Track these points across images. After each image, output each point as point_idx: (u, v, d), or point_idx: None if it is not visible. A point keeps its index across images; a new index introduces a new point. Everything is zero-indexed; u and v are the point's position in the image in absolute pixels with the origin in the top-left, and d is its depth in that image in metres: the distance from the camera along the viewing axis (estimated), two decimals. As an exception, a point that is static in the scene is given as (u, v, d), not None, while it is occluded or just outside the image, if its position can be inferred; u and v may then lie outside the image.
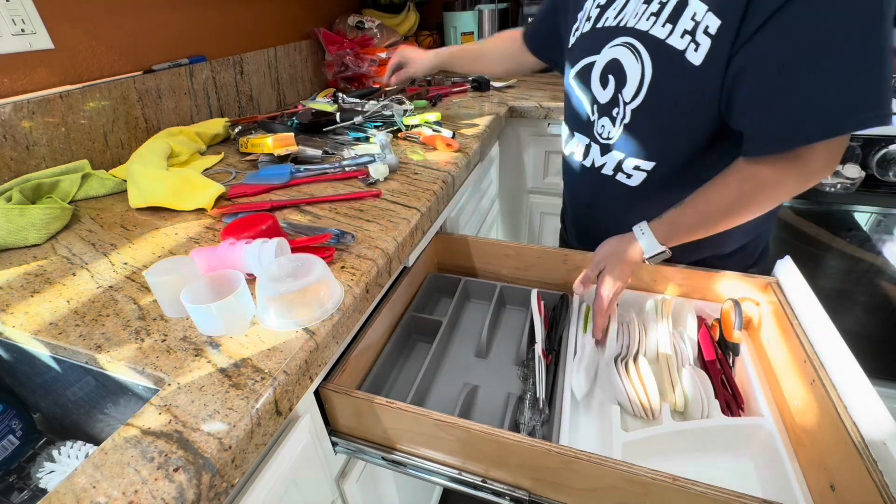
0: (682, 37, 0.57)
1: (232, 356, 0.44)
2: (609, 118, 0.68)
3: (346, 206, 0.72)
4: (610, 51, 0.65)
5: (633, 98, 0.64)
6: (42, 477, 0.62)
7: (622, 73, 0.64)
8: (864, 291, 1.29)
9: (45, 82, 0.81)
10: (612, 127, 0.68)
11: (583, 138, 0.75)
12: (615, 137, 0.69)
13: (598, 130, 0.71)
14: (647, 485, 0.43)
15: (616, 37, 0.64)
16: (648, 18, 0.60)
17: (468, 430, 0.48)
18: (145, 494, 0.32)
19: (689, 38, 0.56)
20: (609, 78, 0.66)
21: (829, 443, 0.47)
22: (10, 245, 0.64)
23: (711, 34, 0.54)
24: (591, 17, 0.69)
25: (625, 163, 0.69)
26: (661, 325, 0.67)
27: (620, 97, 0.65)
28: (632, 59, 0.62)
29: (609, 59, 0.66)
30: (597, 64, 0.68)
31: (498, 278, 0.83)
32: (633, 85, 0.63)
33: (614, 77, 0.65)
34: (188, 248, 0.63)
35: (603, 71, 0.67)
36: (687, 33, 0.56)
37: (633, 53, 0.62)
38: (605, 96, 0.68)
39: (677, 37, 0.57)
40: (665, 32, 0.58)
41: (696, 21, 0.55)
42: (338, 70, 1.43)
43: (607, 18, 0.66)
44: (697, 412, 0.56)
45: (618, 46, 0.64)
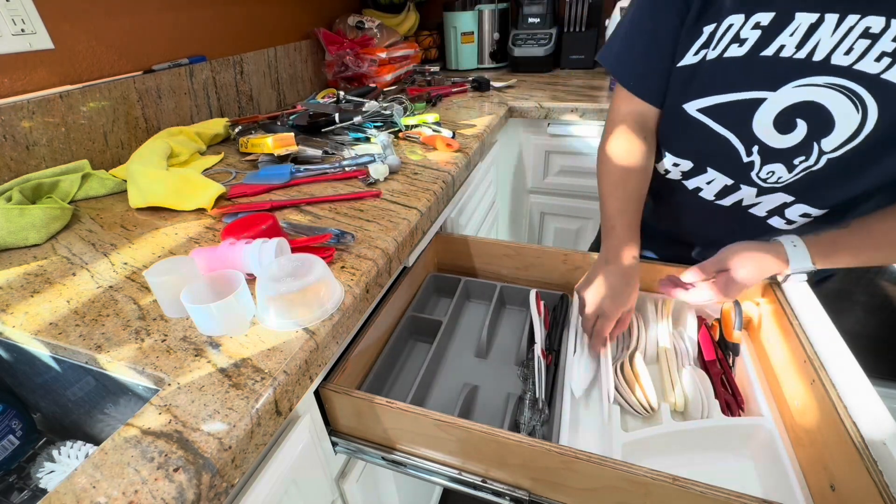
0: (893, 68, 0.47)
1: (232, 356, 0.44)
2: (786, 165, 0.57)
3: (347, 206, 0.72)
4: (800, 91, 0.53)
5: (835, 149, 0.53)
6: (42, 477, 0.62)
7: (826, 120, 0.52)
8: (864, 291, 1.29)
9: (45, 82, 0.81)
10: (787, 173, 0.58)
11: (722, 177, 0.63)
12: (787, 182, 0.59)
13: (762, 175, 0.60)
14: (647, 485, 0.43)
15: (810, 74, 0.51)
16: (879, 59, 0.48)
17: (468, 430, 0.48)
18: (145, 494, 0.32)
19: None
20: (797, 122, 0.54)
21: (829, 443, 0.47)
22: (10, 245, 0.64)
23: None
24: (746, 38, 0.54)
25: (790, 209, 0.61)
26: (661, 324, 0.67)
27: (816, 146, 0.54)
28: (846, 107, 0.51)
29: (799, 100, 0.53)
30: (769, 103, 0.55)
31: (498, 278, 0.83)
32: (841, 135, 0.52)
33: (808, 123, 0.54)
34: (188, 248, 0.63)
35: (784, 113, 0.54)
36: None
37: (849, 99, 0.50)
38: (785, 142, 0.56)
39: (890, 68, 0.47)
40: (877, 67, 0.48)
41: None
42: (338, 70, 1.43)
43: (782, 46, 0.52)
44: (697, 412, 0.56)
45: (819, 87, 0.51)
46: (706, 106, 0.59)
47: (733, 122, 0.58)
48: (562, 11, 1.63)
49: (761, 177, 0.60)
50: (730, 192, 0.64)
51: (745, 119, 0.57)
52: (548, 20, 1.61)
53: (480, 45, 1.73)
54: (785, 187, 0.59)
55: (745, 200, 0.64)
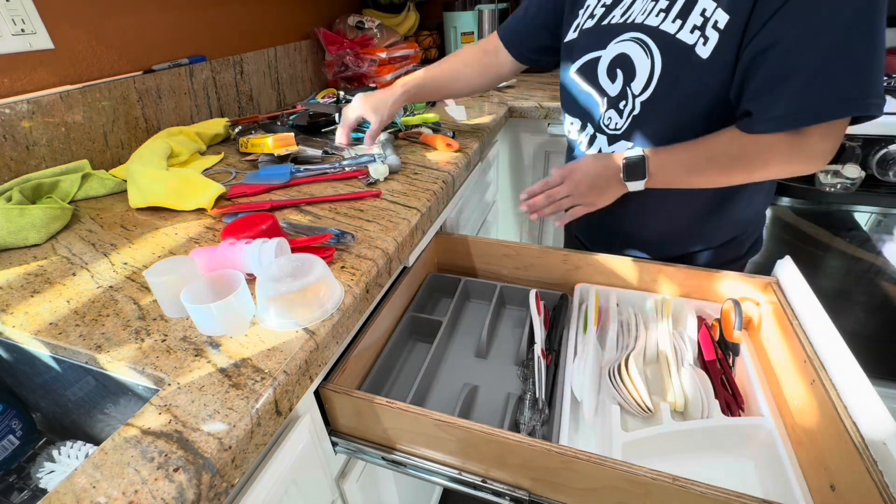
0: (692, 32, 0.59)
1: (232, 356, 0.44)
2: (616, 110, 0.70)
3: (347, 206, 0.72)
4: (616, 46, 0.68)
5: (642, 91, 0.66)
6: (42, 477, 0.62)
7: (631, 66, 0.66)
8: (864, 291, 1.29)
9: (45, 82, 0.81)
10: (619, 119, 0.70)
11: (588, 129, 0.77)
12: (623, 128, 0.70)
13: (605, 122, 0.73)
14: (647, 485, 0.43)
15: (623, 32, 0.67)
16: (658, 15, 0.63)
17: (468, 430, 0.48)
18: (145, 494, 0.32)
19: (698, 34, 0.59)
20: (617, 72, 0.69)
21: (830, 443, 0.47)
22: (10, 245, 0.64)
23: (720, 28, 0.57)
24: (596, 14, 0.72)
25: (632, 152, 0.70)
26: (661, 325, 0.67)
27: (629, 90, 0.67)
28: (641, 54, 0.65)
29: (616, 53, 0.68)
30: (603, 58, 0.70)
31: (498, 278, 0.83)
32: (642, 78, 0.65)
33: (622, 71, 0.68)
34: (188, 248, 0.63)
35: (610, 65, 0.69)
36: (696, 28, 0.59)
37: (642, 48, 0.64)
38: (614, 89, 0.70)
39: (686, 32, 0.60)
40: (675, 28, 0.61)
41: (706, 17, 0.58)
42: (338, 70, 1.43)
43: (613, 16, 0.69)
44: (697, 412, 0.56)
45: (626, 42, 0.66)
46: (577, 67, 0.75)
47: (589, 78, 0.74)
48: (562, 11, 1.63)
49: (605, 123, 0.73)
50: (593, 141, 0.77)
51: (594, 73, 0.72)
52: (548, 20, 1.61)
53: (480, 45, 1.73)
54: (623, 133, 0.71)
55: (604, 150, 0.75)
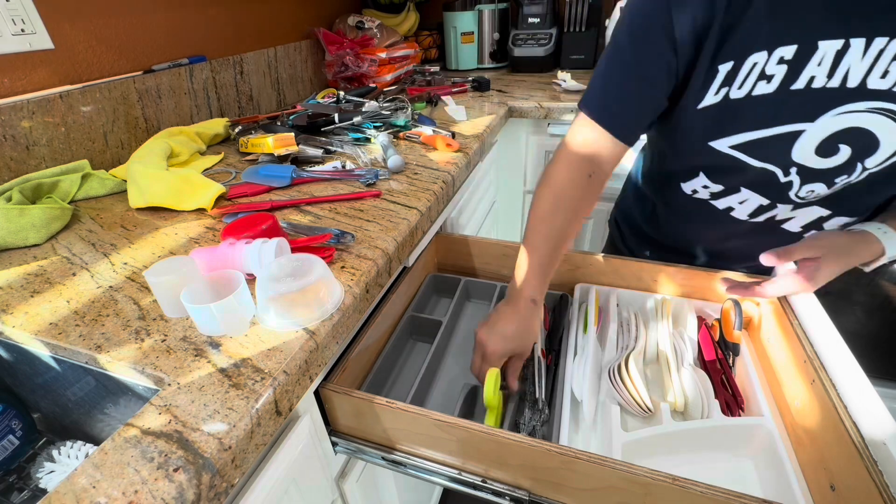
0: None
1: (232, 356, 0.44)
2: (826, 183, 0.57)
3: (347, 205, 0.72)
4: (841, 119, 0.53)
5: (879, 164, 0.54)
6: (42, 477, 0.62)
7: (871, 142, 0.53)
8: (864, 291, 1.29)
9: (45, 82, 0.81)
10: (826, 190, 0.58)
11: (757, 197, 0.63)
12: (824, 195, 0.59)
13: (801, 194, 0.60)
14: (647, 485, 0.43)
15: (850, 101, 0.51)
16: None
17: (468, 430, 0.48)
18: (145, 494, 0.32)
19: None
20: (840, 147, 0.55)
21: (830, 443, 0.47)
22: (10, 245, 0.64)
23: None
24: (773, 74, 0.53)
25: (829, 221, 0.62)
26: (661, 325, 0.67)
27: (860, 165, 0.55)
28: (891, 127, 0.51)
29: (842, 128, 0.53)
30: (809, 134, 0.54)
31: (498, 278, 0.83)
32: (886, 153, 0.53)
33: (852, 146, 0.54)
34: (188, 248, 0.63)
35: (827, 141, 0.54)
36: None
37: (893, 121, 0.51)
38: (828, 164, 0.56)
39: None
40: None
41: None
42: (338, 70, 1.43)
43: (814, 78, 0.52)
44: (697, 412, 0.56)
45: (862, 113, 0.52)
46: (739, 143, 0.58)
47: (770, 155, 0.58)
48: (562, 11, 1.63)
49: (800, 195, 0.59)
50: (765, 210, 0.63)
51: (784, 150, 0.56)
52: (548, 20, 1.61)
53: (480, 45, 1.73)
54: (820, 201, 0.59)
55: (779, 216, 0.63)
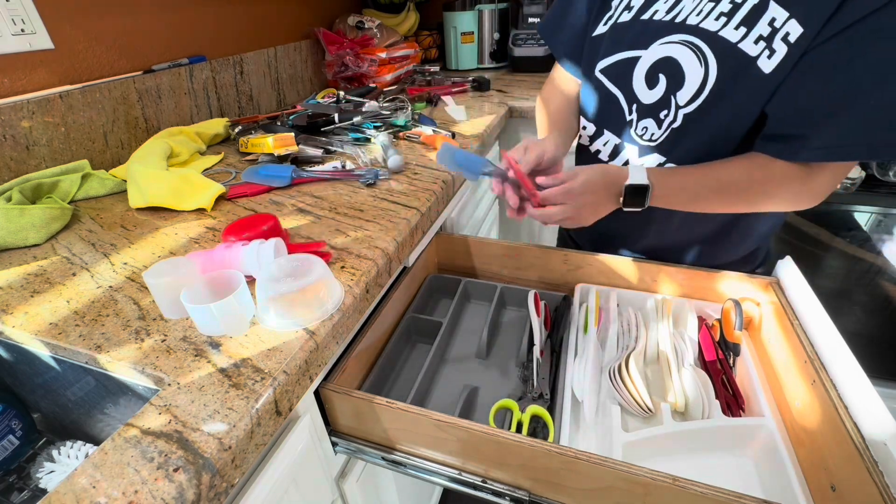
0: (756, 42, 0.53)
1: (232, 356, 0.44)
2: (654, 120, 0.63)
3: (347, 206, 0.72)
4: (662, 47, 0.60)
5: (688, 102, 0.59)
6: (42, 477, 0.62)
7: (679, 73, 0.59)
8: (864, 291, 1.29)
9: (45, 82, 0.81)
10: (656, 129, 0.63)
11: (612, 137, 0.69)
12: (659, 140, 0.64)
13: (639, 132, 0.65)
14: (647, 485, 0.43)
15: (671, 33, 0.59)
16: (718, 18, 0.55)
17: (468, 430, 0.48)
18: (145, 494, 0.32)
19: (763, 45, 0.52)
20: (659, 77, 0.61)
21: (830, 443, 0.47)
22: (10, 245, 0.64)
23: (790, 42, 0.51)
24: (634, 6, 0.63)
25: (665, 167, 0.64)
26: (661, 325, 0.67)
27: (673, 99, 0.60)
28: (693, 61, 0.57)
29: (661, 56, 0.60)
30: (642, 60, 0.62)
31: (498, 278, 0.83)
32: (691, 88, 0.58)
33: (667, 77, 0.60)
34: (189, 248, 0.63)
35: (651, 69, 0.61)
36: (762, 39, 0.52)
37: (695, 54, 0.57)
38: (652, 97, 0.62)
39: (750, 42, 0.53)
40: (738, 36, 0.54)
41: (775, 27, 0.51)
42: (338, 70, 1.43)
43: (657, 11, 0.61)
44: (698, 412, 0.56)
45: (675, 44, 0.58)
46: (604, 66, 0.67)
47: (618, 78, 0.66)
48: (562, 11, 1.63)
49: (638, 133, 0.66)
50: (618, 152, 0.70)
51: (627, 75, 0.64)
52: (548, 20, 1.61)
53: (480, 45, 1.73)
54: (657, 146, 0.65)
55: (631, 163, 0.69)
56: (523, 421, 0.56)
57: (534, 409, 0.56)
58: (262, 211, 0.72)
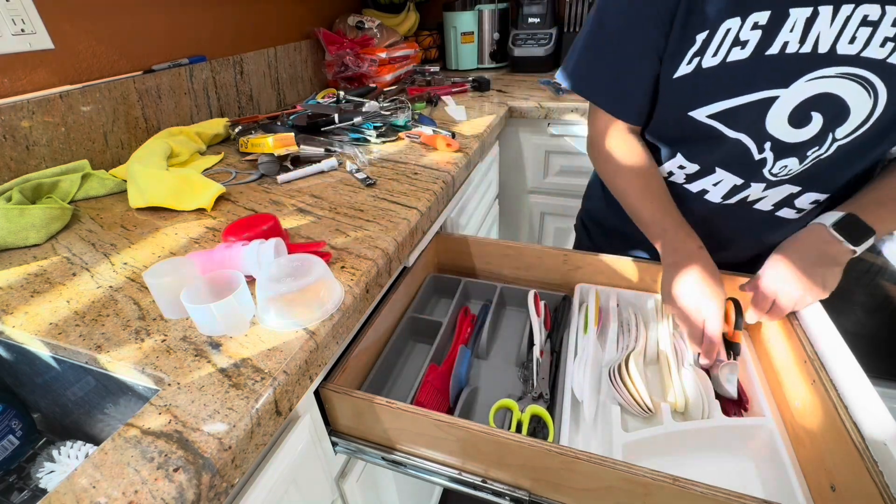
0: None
1: (232, 356, 0.44)
2: (799, 158, 0.57)
3: (347, 206, 0.72)
4: (813, 84, 0.52)
5: (847, 135, 0.54)
6: (42, 477, 0.62)
7: (841, 109, 0.53)
8: (864, 291, 1.29)
9: (45, 82, 0.81)
10: (798, 166, 0.57)
11: (730, 177, 0.62)
12: (795, 173, 0.58)
13: (774, 171, 0.59)
14: (647, 485, 0.43)
15: (820, 66, 0.51)
16: (884, 44, 0.49)
17: (468, 430, 0.48)
18: (145, 494, 0.32)
19: None
20: (812, 115, 0.54)
21: (830, 443, 0.47)
22: (10, 245, 0.64)
23: None
24: (748, 40, 0.53)
25: (798, 199, 0.61)
26: (661, 325, 0.67)
27: (831, 135, 0.55)
28: (860, 94, 0.51)
29: (813, 93, 0.53)
30: (782, 100, 0.54)
31: (498, 279, 0.83)
32: (855, 122, 0.53)
33: (824, 115, 0.54)
34: (189, 248, 0.63)
35: (798, 108, 0.54)
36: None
37: (862, 87, 0.51)
38: (800, 136, 0.56)
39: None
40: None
41: None
42: (338, 70, 1.43)
43: (787, 43, 0.52)
44: (698, 412, 0.56)
45: (832, 79, 0.52)
46: (716, 112, 0.58)
47: (746, 124, 0.57)
48: (562, 11, 1.63)
49: (773, 172, 0.59)
50: (738, 191, 0.62)
51: (759, 119, 0.56)
52: (548, 20, 1.61)
53: (480, 45, 1.73)
54: (791, 178, 0.59)
55: (751, 196, 0.62)
56: (523, 421, 0.56)
57: (533, 408, 0.56)
58: (262, 211, 0.72)
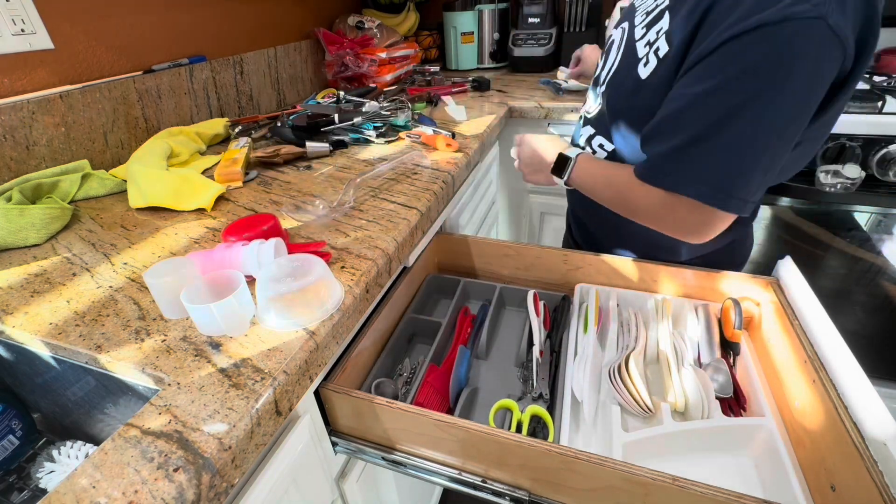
0: (645, 46, 0.58)
1: (232, 356, 0.44)
2: (594, 93, 0.72)
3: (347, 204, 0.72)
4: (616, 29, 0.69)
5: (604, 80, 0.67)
6: (42, 477, 0.62)
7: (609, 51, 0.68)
8: (864, 291, 1.29)
9: (45, 82, 0.81)
10: (593, 102, 0.71)
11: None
12: (593, 113, 0.71)
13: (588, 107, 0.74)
14: (647, 485, 0.43)
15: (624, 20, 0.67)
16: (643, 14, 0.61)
17: (468, 430, 0.48)
18: (145, 494, 0.32)
19: (647, 49, 0.57)
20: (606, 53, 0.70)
21: (830, 443, 0.47)
22: (10, 245, 0.64)
23: (659, 56, 0.55)
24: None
25: (594, 140, 0.71)
26: (661, 325, 0.67)
27: (602, 73, 0.69)
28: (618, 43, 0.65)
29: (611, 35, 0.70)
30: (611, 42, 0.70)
31: (498, 278, 0.83)
32: (609, 66, 0.66)
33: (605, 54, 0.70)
34: (189, 248, 0.63)
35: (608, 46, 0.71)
36: (648, 44, 0.57)
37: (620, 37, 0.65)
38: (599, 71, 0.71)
39: (643, 44, 0.58)
40: (640, 34, 0.59)
41: (657, 37, 0.55)
42: (338, 70, 1.43)
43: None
44: (698, 412, 0.56)
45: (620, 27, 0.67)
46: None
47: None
48: (562, 11, 1.63)
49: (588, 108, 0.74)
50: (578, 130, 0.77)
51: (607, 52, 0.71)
52: (548, 20, 1.61)
53: (480, 45, 1.73)
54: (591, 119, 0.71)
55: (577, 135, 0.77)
56: (523, 421, 0.56)
57: (533, 409, 0.56)
58: (261, 211, 0.72)
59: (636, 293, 0.73)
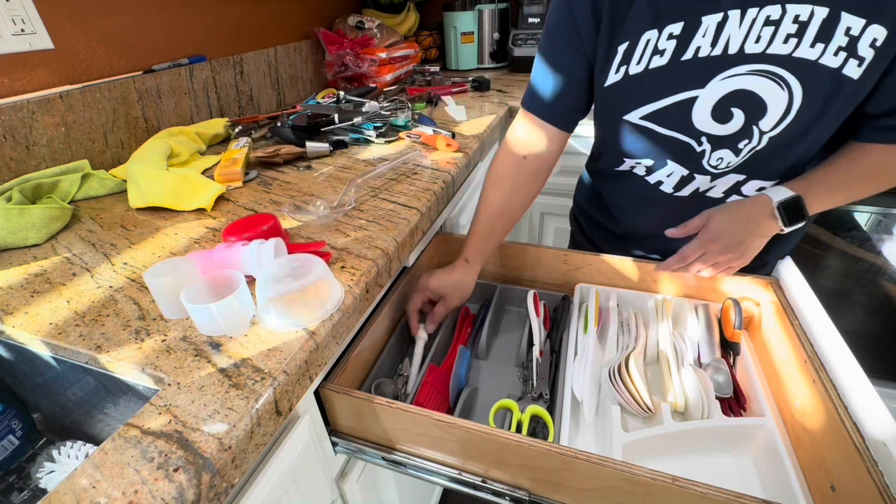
0: (836, 54, 0.52)
1: (232, 356, 0.44)
2: (732, 150, 0.62)
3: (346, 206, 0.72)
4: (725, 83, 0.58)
5: (773, 127, 0.58)
6: (42, 477, 0.62)
7: (758, 104, 0.57)
8: (864, 291, 1.29)
9: (45, 82, 0.81)
10: (734, 157, 0.62)
11: (679, 168, 0.67)
12: (736, 164, 0.63)
13: (712, 162, 0.64)
14: (647, 485, 0.43)
15: (731, 66, 0.57)
16: (787, 41, 0.53)
17: (468, 430, 0.48)
18: (145, 494, 0.32)
19: (844, 55, 0.52)
20: (733, 112, 0.59)
21: (830, 443, 0.47)
22: (10, 245, 0.64)
23: (877, 46, 0.50)
24: (664, 49, 0.59)
25: (745, 186, 0.65)
26: (661, 325, 0.67)
27: (755, 128, 0.59)
28: (772, 88, 0.56)
29: (728, 91, 0.58)
30: (701, 99, 0.60)
31: (498, 278, 0.83)
32: (775, 115, 0.57)
33: (743, 109, 0.58)
34: (189, 248, 0.63)
35: (718, 106, 0.59)
36: (842, 50, 0.52)
37: (773, 81, 0.56)
38: (727, 130, 0.60)
39: (830, 55, 0.52)
40: (816, 53, 0.53)
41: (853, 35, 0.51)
42: (338, 70, 1.43)
43: (699, 48, 0.57)
44: (698, 412, 0.56)
45: (743, 76, 0.57)
46: (647, 113, 0.64)
47: (675, 122, 0.63)
48: (562, 11, 1.63)
49: (711, 164, 0.64)
50: (686, 182, 0.68)
51: (685, 117, 0.62)
52: (548, 20, 1.61)
53: (480, 45, 1.73)
54: (734, 169, 0.64)
55: (701, 187, 0.67)
56: (523, 421, 0.56)
57: (533, 409, 0.56)
58: (262, 211, 0.72)
59: (636, 293, 0.73)
